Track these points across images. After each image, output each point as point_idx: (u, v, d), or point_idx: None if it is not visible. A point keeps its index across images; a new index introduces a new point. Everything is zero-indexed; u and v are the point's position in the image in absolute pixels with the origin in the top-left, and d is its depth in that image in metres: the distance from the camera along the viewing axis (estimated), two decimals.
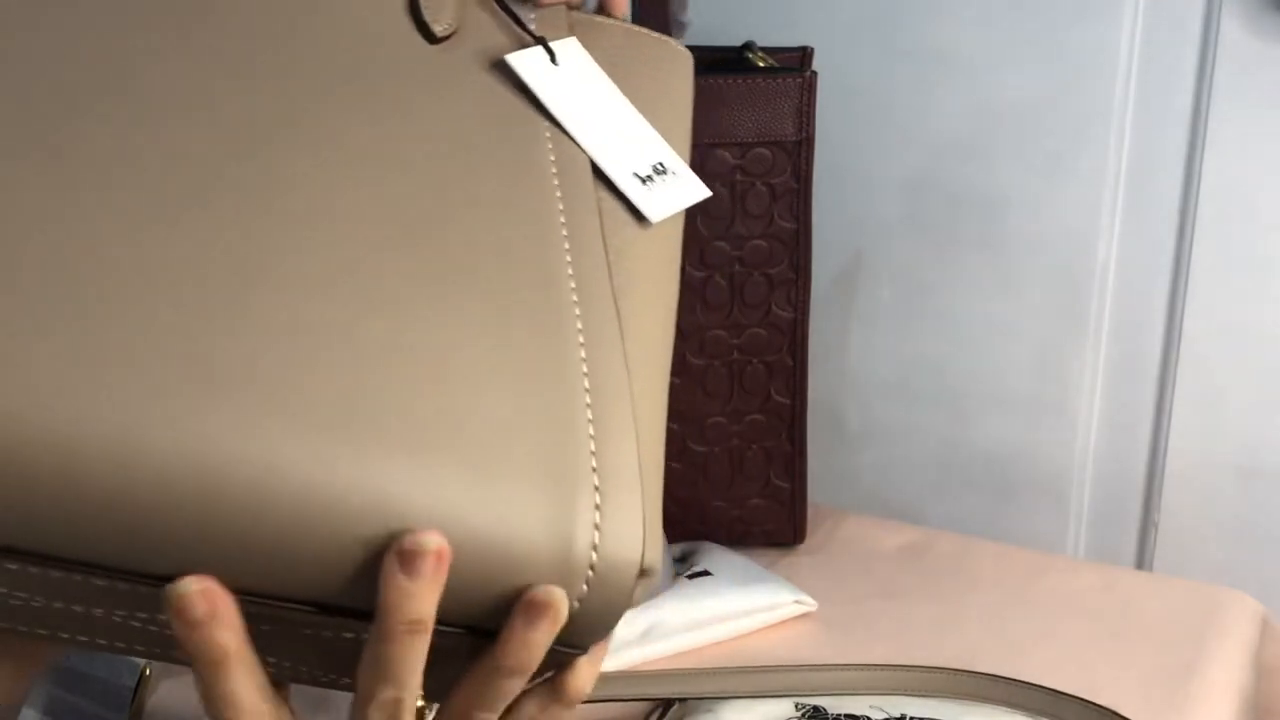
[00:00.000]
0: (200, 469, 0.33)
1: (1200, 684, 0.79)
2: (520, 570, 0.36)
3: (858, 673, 0.76)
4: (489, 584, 0.36)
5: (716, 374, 0.90)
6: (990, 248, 1.05)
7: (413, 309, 0.38)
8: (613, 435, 0.39)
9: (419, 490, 0.35)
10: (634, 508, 0.38)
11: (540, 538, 0.37)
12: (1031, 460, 1.09)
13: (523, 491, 0.37)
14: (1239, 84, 0.94)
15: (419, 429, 0.36)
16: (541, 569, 0.37)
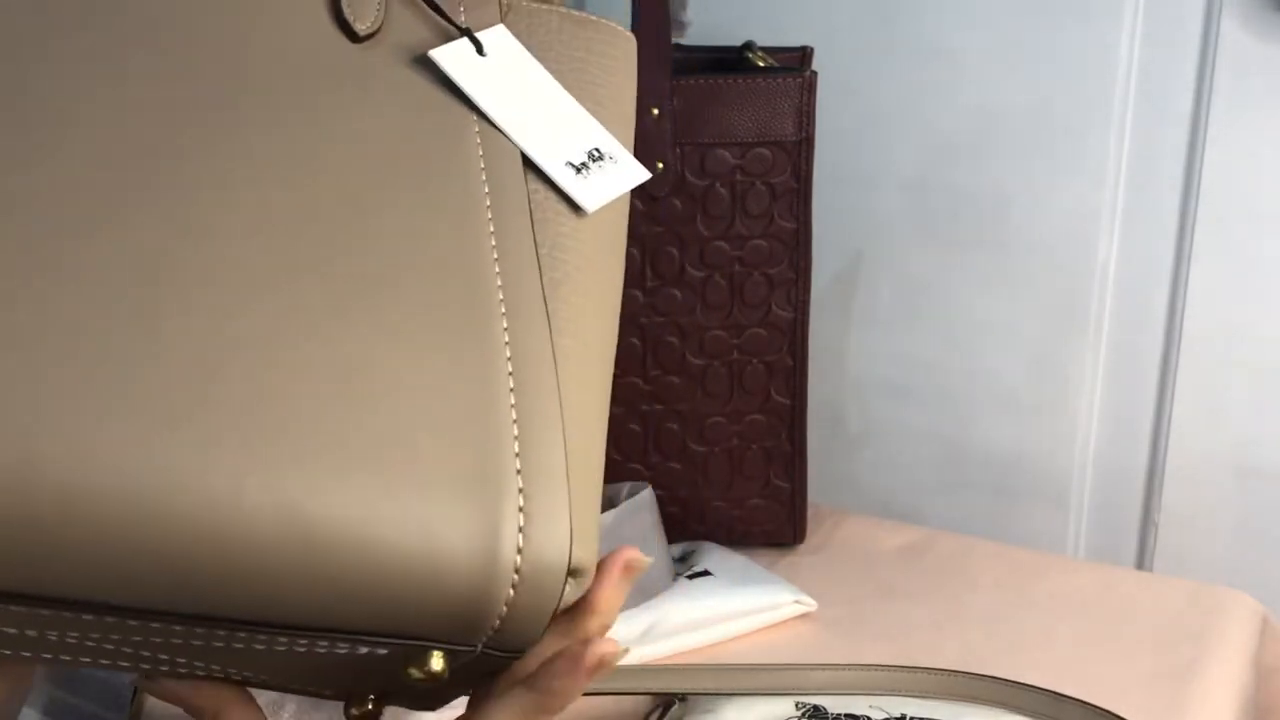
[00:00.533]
0: (107, 492, 0.33)
1: (1200, 684, 0.79)
2: (444, 578, 0.36)
3: (858, 673, 0.76)
4: (414, 593, 0.36)
5: (716, 374, 0.90)
6: (990, 248, 1.05)
7: (327, 322, 0.37)
8: (538, 437, 0.39)
9: (334, 505, 0.35)
10: (560, 509, 0.38)
11: (463, 545, 0.36)
12: (1031, 460, 1.09)
13: (442, 499, 0.37)
14: (1239, 84, 0.94)
15: (331, 443, 0.36)
16: (465, 576, 0.36)
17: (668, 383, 0.90)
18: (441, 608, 0.37)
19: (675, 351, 0.90)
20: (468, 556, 0.36)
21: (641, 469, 0.92)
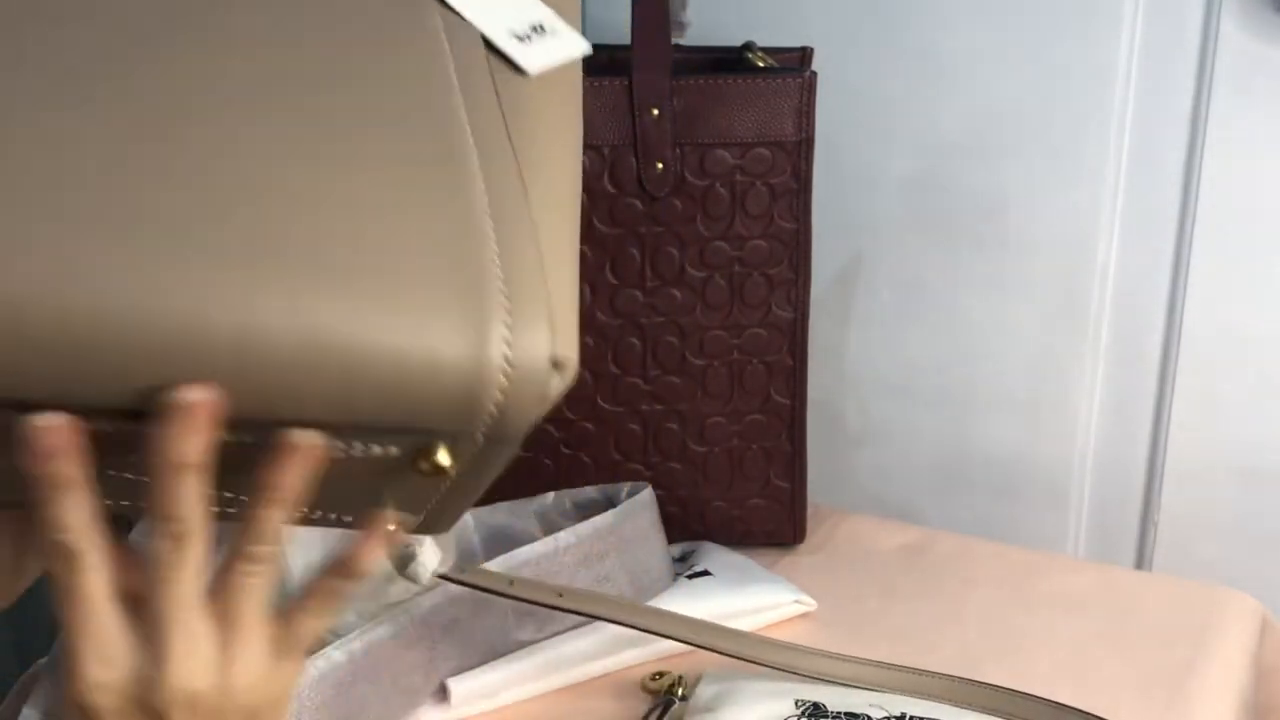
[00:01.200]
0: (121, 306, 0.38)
1: (1200, 684, 0.79)
2: (441, 373, 0.41)
3: (864, 668, 0.76)
4: (415, 389, 0.41)
5: (716, 374, 0.91)
6: (990, 248, 1.05)
7: (317, 155, 0.42)
8: (516, 250, 0.43)
9: (341, 312, 0.40)
10: (539, 308, 0.43)
11: (456, 342, 0.41)
12: (1031, 460, 1.09)
13: (436, 303, 0.41)
14: (1239, 85, 0.94)
15: (332, 257, 0.41)
16: (459, 370, 0.41)
17: (668, 383, 0.90)
18: (441, 401, 0.41)
19: (675, 351, 0.90)
20: (461, 353, 0.41)
21: (641, 469, 0.92)
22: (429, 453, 0.44)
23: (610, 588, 0.82)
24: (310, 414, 0.41)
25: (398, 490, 0.46)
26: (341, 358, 0.40)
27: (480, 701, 0.77)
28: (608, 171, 0.86)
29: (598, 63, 0.90)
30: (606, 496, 0.89)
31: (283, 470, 0.43)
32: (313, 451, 0.43)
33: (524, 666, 0.78)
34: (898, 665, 0.77)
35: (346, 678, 0.71)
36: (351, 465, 0.44)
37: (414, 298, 0.41)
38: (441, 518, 0.51)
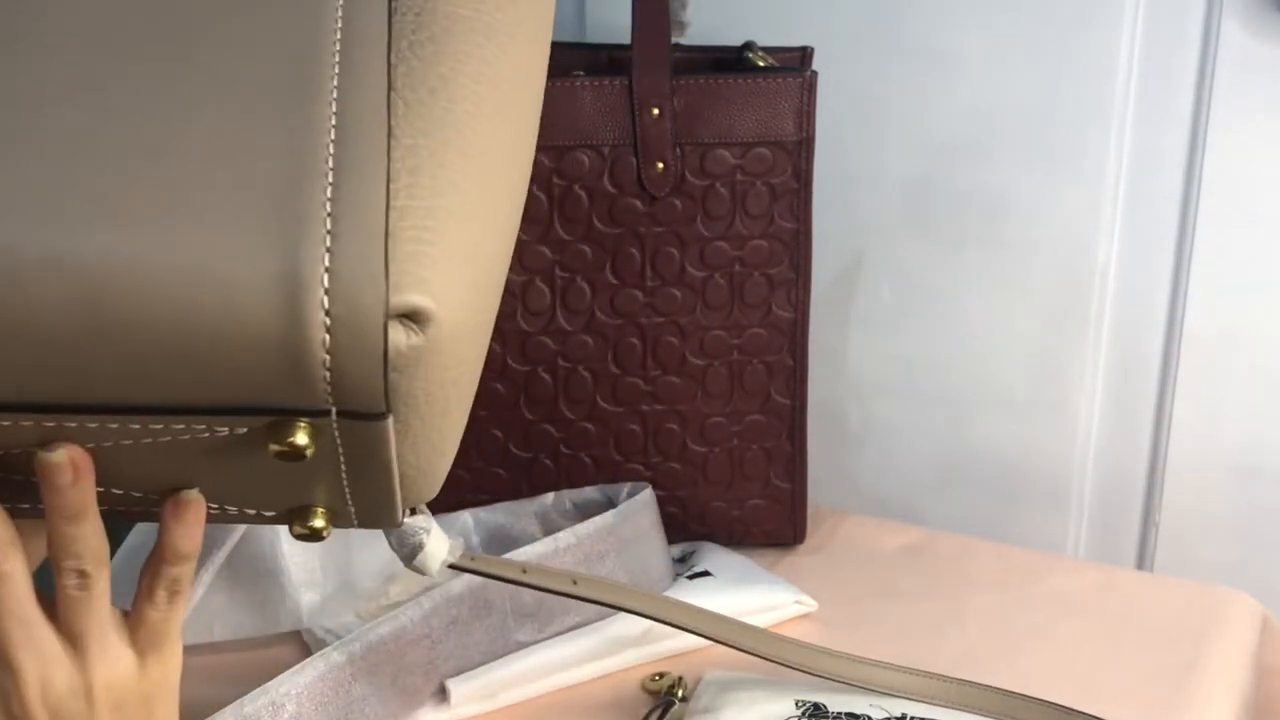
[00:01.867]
0: None
1: (1200, 684, 0.79)
2: (245, 325, 0.35)
3: (881, 671, 0.76)
4: (221, 347, 0.35)
5: (716, 374, 0.90)
6: (990, 248, 1.05)
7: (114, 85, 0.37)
8: (354, 183, 0.36)
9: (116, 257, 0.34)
10: (373, 248, 0.35)
11: (258, 286, 0.35)
12: (1032, 460, 1.09)
13: (235, 245, 0.35)
14: (1239, 85, 0.94)
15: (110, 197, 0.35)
16: (266, 320, 0.35)
17: (668, 383, 0.90)
18: (256, 361, 0.36)
19: (675, 351, 0.90)
20: (265, 298, 0.35)
21: (641, 469, 0.92)
22: (281, 433, 0.38)
23: None
24: (103, 395, 0.37)
25: (280, 477, 0.42)
26: (118, 311, 0.35)
27: (480, 701, 0.76)
28: (608, 171, 0.86)
29: (598, 63, 0.90)
30: (606, 496, 0.89)
31: (50, 486, 0.43)
32: (70, 465, 0.42)
33: (524, 666, 0.78)
34: (916, 669, 0.77)
35: (346, 678, 0.70)
36: (209, 448, 0.40)
37: (210, 238, 0.35)
38: (371, 509, 0.46)
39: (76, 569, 0.45)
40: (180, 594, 0.48)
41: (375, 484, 0.44)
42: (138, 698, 0.49)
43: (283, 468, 0.40)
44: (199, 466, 0.42)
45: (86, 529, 0.44)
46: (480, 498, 0.90)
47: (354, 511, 0.47)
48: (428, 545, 0.60)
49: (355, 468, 0.42)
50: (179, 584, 0.48)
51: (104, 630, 0.47)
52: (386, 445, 0.41)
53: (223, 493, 0.45)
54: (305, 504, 0.46)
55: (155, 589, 0.48)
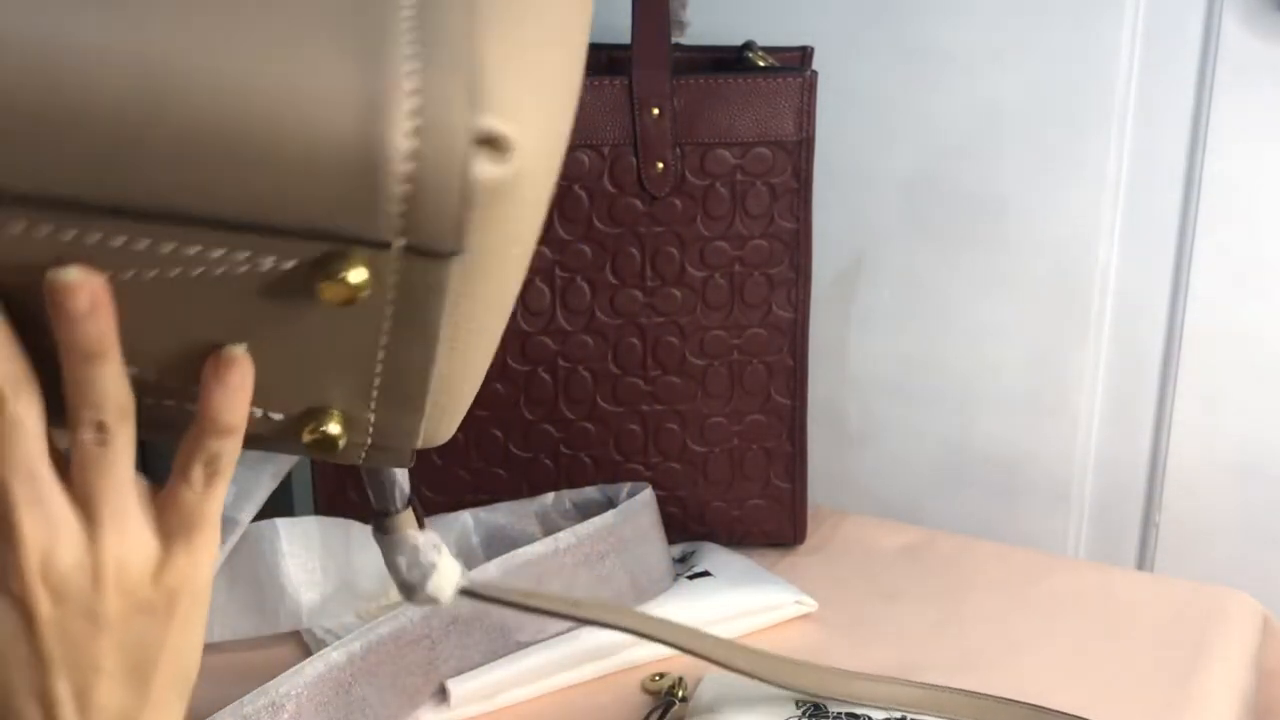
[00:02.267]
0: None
1: (1200, 684, 0.79)
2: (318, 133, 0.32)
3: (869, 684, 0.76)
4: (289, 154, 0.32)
5: (716, 374, 0.90)
6: (990, 248, 1.05)
7: None
8: None
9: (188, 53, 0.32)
10: (461, 65, 0.33)
11: (336, 94, 0.32)
12: (1032, 460, 1.09)
13: (312, 47, 0.32)
14: (1240, 84, 0.94)
15: None
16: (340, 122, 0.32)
17: (668, 383, 0.90)
18: (323, 172, 0.33)
19: (675, 351, 0.90)
20: (343, 106, 0.32)
21: (641, 469, 0.92)
22: (335, 266, 0.35)
23: (610, 588, 0.82)
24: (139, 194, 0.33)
25: (309, 351, 0.39)
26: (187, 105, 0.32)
27: (480, 702, 0.76)
28: (608, 171, 0.86)
29: (598, 63, 0.90)
30: (606, 496, 0.89)
31: (63, 315, 0.37)
32: (86, 288, 0.36)
33: (524, 666, 0.78)
34: (902, 679, 0.77)
35: (346, 678, 0.70)
36: (242, 293, 0.36)
37: (287, 40, 0.32)
38: (394, 419, 0.42)
39: (94, 420, 0.39)
40: (220, 476, 0.42)
41: (410, 373, 0.40)
42: (158, 590, 0.42)
43: (315, 337, 0.38)
44: (226, 323, 0.38)
45: (106, 371, 0.39)
46: (480, 498, 0.90)
47: (373, 421, 0.42)
48: (440, 565, 0.52)
49: (399, 336, 0.38)
50: (219, 463, 0.42)
51: (122, 499, 0.41)
52: (441, 301, 0.37)
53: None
54: (322, 405, 0.42)
55: (190, 466, 0.42)
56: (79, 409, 0.39)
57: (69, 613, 0.40)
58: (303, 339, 0.39)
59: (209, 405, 0.40)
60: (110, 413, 0.39)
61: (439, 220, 0.34)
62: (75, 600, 0.40)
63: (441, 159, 0.33)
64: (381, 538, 0.52)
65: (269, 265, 0.35)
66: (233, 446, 0.41)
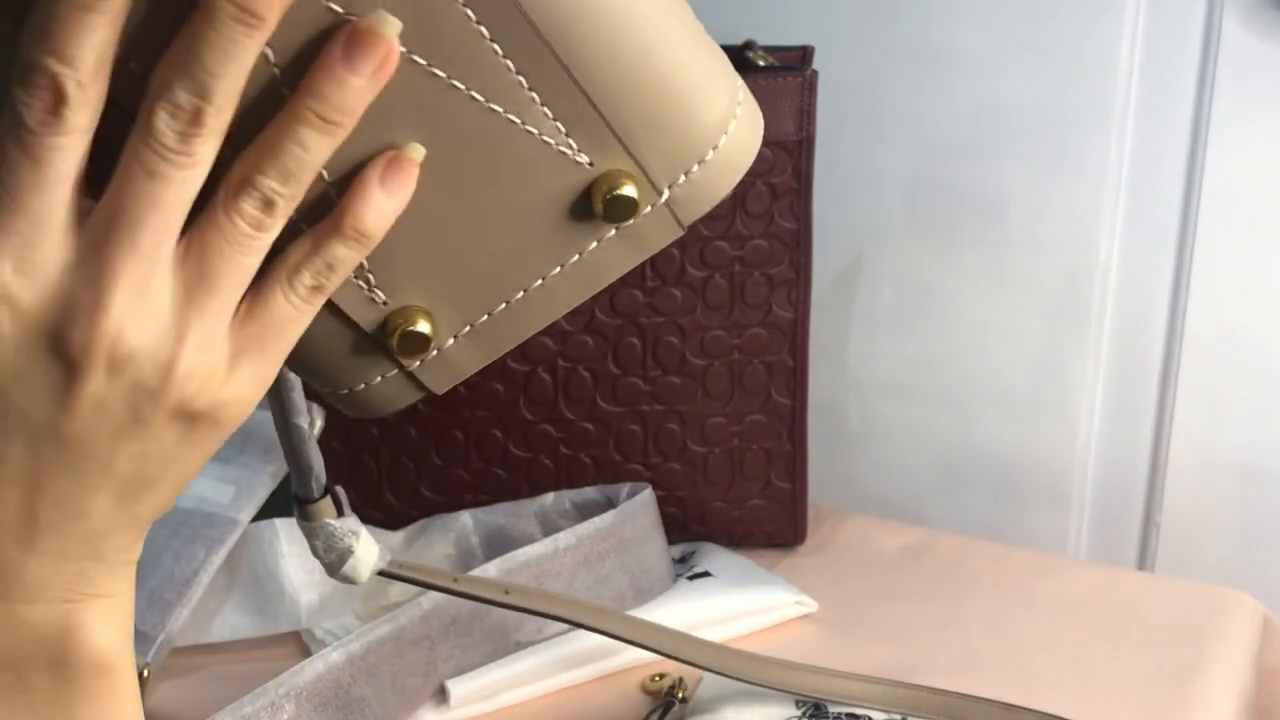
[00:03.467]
0: None
1: (1201, 685, 0.79)
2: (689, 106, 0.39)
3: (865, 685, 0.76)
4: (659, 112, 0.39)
5: (717, 374, 0.90)
6: (991, 248, 1.05)
7: None
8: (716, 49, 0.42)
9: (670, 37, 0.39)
10: (752, 104, 0.42)
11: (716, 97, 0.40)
12: (1032, 460, 1.09)
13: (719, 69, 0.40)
14: (1240, 84, 0.94)
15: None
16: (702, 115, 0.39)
17: (668, 383, 0.90)
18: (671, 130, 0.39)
19: (675, 351, 0.89)
20: (722, 103, 0.40)
21: (641, 469, 0.92)
22: (616, 181, 0.39)
23: (610, 589, 0.82)
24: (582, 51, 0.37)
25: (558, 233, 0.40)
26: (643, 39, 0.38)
27: (480, 702, 0.76)
28: None
29: None
30: (606, 497, 0.89)
31: (344, 64, 0.32)
32: (386, 46, 0.33)
33: (524, 667, 0.78)
34: (911, 685, 0.77)
35: (345, 678, 0.70)
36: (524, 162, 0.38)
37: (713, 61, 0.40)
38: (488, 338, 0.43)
39: (268, 194, 0.33)
40: (324, 292, 0.36)
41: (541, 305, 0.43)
42: (205, 408, 0.36)
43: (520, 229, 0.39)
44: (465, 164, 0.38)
45: (324, 147, 0.33)
46: (480, 498, 0.90)
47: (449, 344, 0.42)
48: (357, 550, 0.55)
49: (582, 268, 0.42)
50: (333, 274, 0.36)
51: (230, 300, 0.35)
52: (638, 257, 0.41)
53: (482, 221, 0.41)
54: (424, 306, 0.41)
55: (301, 271, 0.36)
56: (261, 173, 0.33)
57: (117, 396, 0.34)
58: (511, 222, 0.40)
59: (358, 203, 0.35)
60: (288, 193, 0.34)
61: (699, 201, 0.41)
62: (130, 387, 0.34)
63: (731, 163, 0.41)
64: (302, 523, 0.55)
65: (567, 152, 0.39)
66: (356, 258, 0.36)
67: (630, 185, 0.39)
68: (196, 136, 0.32)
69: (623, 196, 0.39)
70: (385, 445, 0.90)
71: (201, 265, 0.34)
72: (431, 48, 0.36)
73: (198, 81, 0.32)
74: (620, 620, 0.72)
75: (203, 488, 0.83)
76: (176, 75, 0.32)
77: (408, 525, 0.89)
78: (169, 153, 0.32)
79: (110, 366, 0.34)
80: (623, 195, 0.39)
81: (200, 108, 0.32)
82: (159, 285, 0.34)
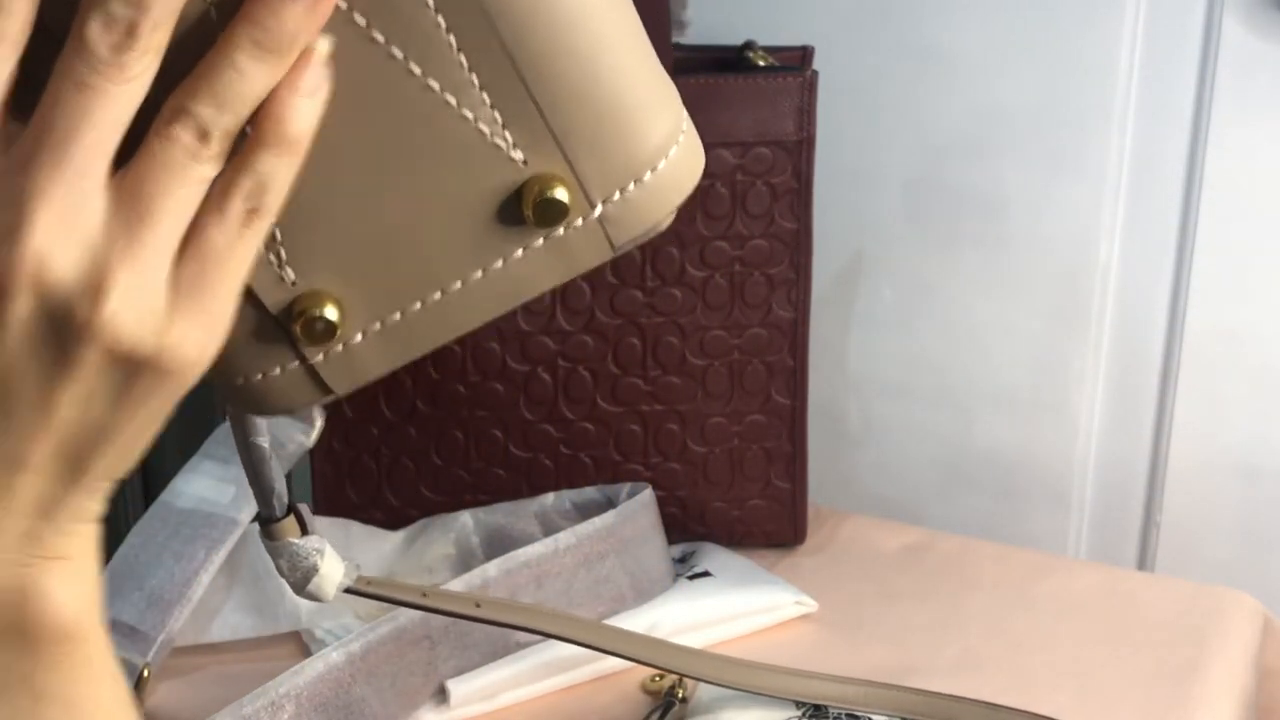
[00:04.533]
0: None
1: (1201, 685, 0.79)
2: (631, 120, 0.39)
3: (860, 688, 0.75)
4: (602, 121, 0.39)
5: (717, 374, 0.90)
6: (991, 248, 1.05)
7: None
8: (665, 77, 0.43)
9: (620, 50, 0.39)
10: (696, 139, 0.42)
11: (660, 120, 0.40)
12: (1032, 460, 1.09)
13: (667, 95, 0.41)
14: (1240, 84, 0.94)
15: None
16: (641, 134, 0.39)
17: (668, 383, 0.90)
18: (623, 140, 0.39)
19: (675, 351, 0.89)
20: (668, 123, 0.40)
21: (641, 469, 0.92)
22: (553, 185, 0.38)
23: (610, 589, 0.82)
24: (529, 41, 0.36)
25: (482, 231, 0.39)
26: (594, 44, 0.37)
27: (480, 702, 0.76)
28: None
29: None
30: (606, 497, 0.89)
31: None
32: None
33: (524, 667, 0.78)
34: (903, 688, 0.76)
35: (345, 678, 0.70)
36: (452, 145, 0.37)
37: (660, 85, 0.41)
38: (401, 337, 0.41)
39: (203, 122, 0.32)
40: (262, 215, 0.34)
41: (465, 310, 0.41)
42: (148, 350, 0.33)
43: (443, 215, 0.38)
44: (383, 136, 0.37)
45: (261, 79, 0.32)
46: (480, 498, 0.90)
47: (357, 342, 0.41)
48: (322, 568, 0.55)
49: (511, 269, 0.41)
50: (266, 193, 0.34)
51: (170, 232, 0.33)
52: (569, 273, 0.41)
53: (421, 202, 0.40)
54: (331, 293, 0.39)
55: (230, 195, 0.33)
56: (196, 100, 0.32)
57: (42, 329, 0.32)
58: (436, 211, 0.39)
59: (277, 105, 0.33)
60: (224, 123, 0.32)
61: (632, 223, 0.40)
62: (57, 319, 0.32)
63: (668, 189, 0.40)
64: (266, 543, 0.55)
65: (501, 144, 0.38)
66: (287, 172, 0.34)
67: (562, 190, 0.38)
68: (131, 50, 0.30)
69: (553, 200, 0.38)
70: (385, 445, 0.90)
71: (135, 195, 0.32)
72: (374, 9, 0.35)
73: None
74: (595, 630, 0.71)
75: (203, 488, 0.83)
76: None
77: (408, 525, 0.90)
78: (101, 64, 0.30)
79: (35, 292, 0.31)
80: (553, 199, 0.38)
81: (135, 19, 0.30)
82: (89, 210, 0.31)
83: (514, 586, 0.78)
